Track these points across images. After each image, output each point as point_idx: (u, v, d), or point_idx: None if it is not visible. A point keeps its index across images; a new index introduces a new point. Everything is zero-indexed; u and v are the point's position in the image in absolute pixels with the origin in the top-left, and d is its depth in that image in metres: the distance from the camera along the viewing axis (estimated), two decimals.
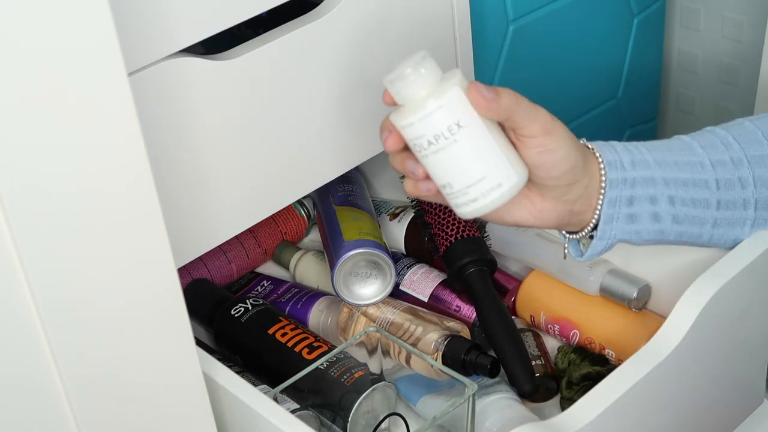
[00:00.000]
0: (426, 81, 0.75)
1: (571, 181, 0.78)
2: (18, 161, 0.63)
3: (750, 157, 0.82)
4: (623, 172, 0.79)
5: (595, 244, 0.81)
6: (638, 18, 1.37)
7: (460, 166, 0.75)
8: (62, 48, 0.63)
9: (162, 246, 0.73)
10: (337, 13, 0.94)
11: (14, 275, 0.66)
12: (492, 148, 0.76)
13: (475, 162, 0.75)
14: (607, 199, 0.79)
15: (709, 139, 0.83)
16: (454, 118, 0.74)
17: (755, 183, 0.82)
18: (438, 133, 0.74)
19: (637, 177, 0.79)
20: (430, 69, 0.75)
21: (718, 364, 0.88)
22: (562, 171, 0.77)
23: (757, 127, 0.84)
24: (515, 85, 1.24)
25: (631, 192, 0.79)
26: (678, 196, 0.80)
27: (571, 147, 0.77)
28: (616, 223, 0.80)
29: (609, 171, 0.79)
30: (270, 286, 1.11)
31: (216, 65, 0.87)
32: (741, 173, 0.82)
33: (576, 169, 0.77)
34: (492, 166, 0.76)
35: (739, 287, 0.83)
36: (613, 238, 0.81)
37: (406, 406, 0.95)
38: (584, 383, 0.93)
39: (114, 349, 0.73)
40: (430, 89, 0.75)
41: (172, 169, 0.87)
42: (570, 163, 0.77)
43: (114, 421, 0.75)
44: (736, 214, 0.82)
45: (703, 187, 0.81)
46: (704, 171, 0.81)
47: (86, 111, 0.65)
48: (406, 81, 0.75)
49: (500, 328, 0.95)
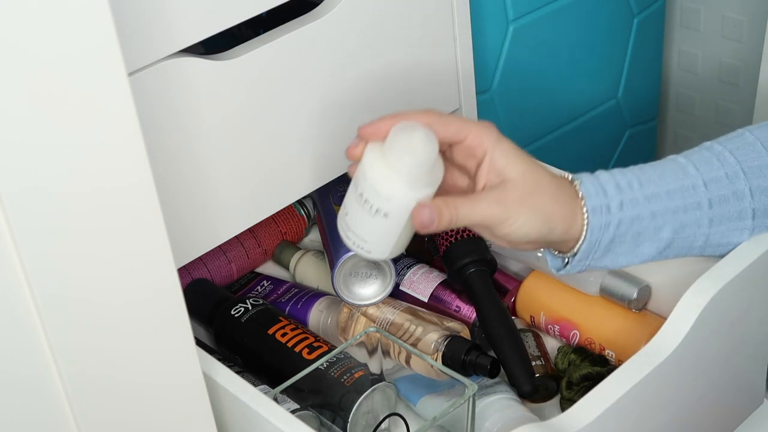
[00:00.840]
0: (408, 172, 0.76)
1: (537, 244, 0.81)
2: (18, 161, 0.63)
3: (747, 169, 0.82)
4: (607, 216, 0.80)
5: (568, 270, 0.83)
6: (638, 18, 1.37)
7: (359, 222, 0.80)
8: (62, 48, 0.63)
9: (162, 246, 0.73)
10: (337, 13, 0.94)
11: (14, 275, 0.66)
12: (391, 239, 0.80)
13: (371, 234, 0.80)
14: (587, 242, 0.80)
15: (704, 157, 0.84)
16: (388, 210, 0.77)
17: (752, 194, 0.82)
18: (369, 202, 0.78)
19: (622, 217, 0.81)
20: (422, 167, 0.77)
21: (718, 365, 0.88)
22: (521, 243, 0.80)
23: (757, 138, 0.84)
24: (515, 85, 1.25)
25: (614, 232, 0.81)
26: (666, 226, 0.81)
27: (532, 222, 0.78)
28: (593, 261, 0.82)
29: (593, 218, 0.80)
30: (270, 286, 1.11)
31: (216, 65, 0.87)
32: (736, 187, 0.82)
33: (540, 237, 0.79)
34: (378, 244, 0.81)
35: (739, 288, 0.83)
36: (587, 267, 0.83)
37: (406, 406, 0.95)
38: (584, 384, 0.93)
39: (114, 349, 0.73)
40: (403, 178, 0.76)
41: (172, 169, 0.87)
42: (530, 236, 0.79)
43: (114, 421, 0.75)
44: (731, 225, 0.83)
45: (694, 209, 0.82)
46: (696, 193, 0.82)
47: (86, 111, 0.65)
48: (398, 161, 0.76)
49: (500, 328, 0.95)
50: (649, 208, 0.81)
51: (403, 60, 1.02)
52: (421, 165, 0.76)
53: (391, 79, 1.02)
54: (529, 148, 1.31)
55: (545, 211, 0.79)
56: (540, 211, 0.78)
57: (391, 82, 1.02)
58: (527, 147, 1.31)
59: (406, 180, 0.76)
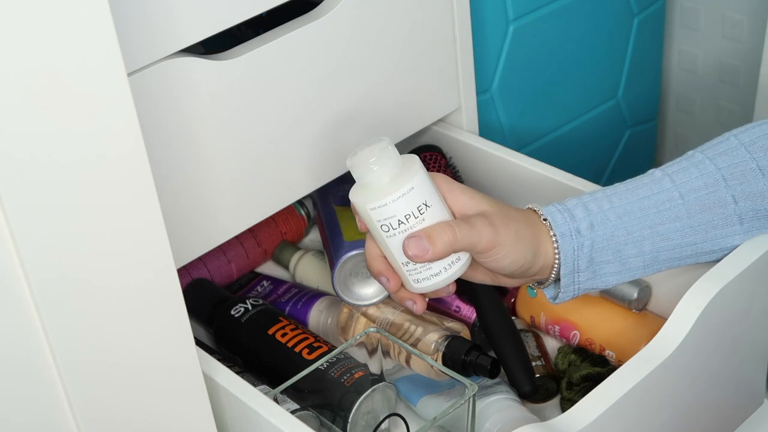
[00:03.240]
0: (392, 166, 0.78)
1: (526, 271, 0.81)
2: (18, 161, 0.63)
3: (729, 175, 0.82)
4: (579, 238, 0.81)
5: (561, 297, 0.83)
6: (638, 18, 1.37)
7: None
8: (62, 48, 0.63)
9: (162, 246, 0.73)
10: (337, 13, 0.94)
11: (14, 276, 0.66)
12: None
13: None
14: (562, 269, 0.81)
15: (683, 167, 0.84)
16: (423, 198, 0.78)
17: (736, 200, 0.82)
18: (408, 213, 0.78)
19: (596, 237, 0.81)
20: (394, 155, 0.79)
21: (719, 366, 0.88)
22: (512, 271, 0.81)
23: (741, 143, 0.84)
24: (515, 85, 1.25)
25: (590, 253, 0.81)
26: (646, 242, 0.82)
27: (519, 247, 0.80)
28: (577, 280, 0.82)
29: (562, 242, 0.81)
30: (270, 286, 1.11)
31: (216, 65, 0.87)
32: (717, 195, 0.82)
33: (527, 263, 0.80)
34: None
35: (739, 289, 0.83)
36: (577, 291, 0.83)
37: (406, 406, 0.95)
38: (584, 384, 0.93)
39: (114, 349, 0.73)
40: (394, 174, 0.78)
41: (172, 169, 0.87)
42: (519, 263, 0.80)
43: (114, 421, 0.75)
44: (717, 233, 0.83)
45: (672, 221, 0.82)
46: (672, 206, 0.82)
47: (86, 111, 0.65)
48: (372, 165, 0.78)
49: (500, 328, 0.95)
50: (623, 226, 0.81)
51: (403, 60, 1.03)
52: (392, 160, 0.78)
53: (391, 79, 1.02)
54: (529, 148, 1.31)
55: (527, 237, 0.80)
56: (523, 238, 0.80)
57: (391, 81, 1.03)
58: (527, 147, 1.31)
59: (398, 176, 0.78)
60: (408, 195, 0.77)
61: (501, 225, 0.79)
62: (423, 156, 1.10)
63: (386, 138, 0.79)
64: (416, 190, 0.78)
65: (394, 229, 0.78)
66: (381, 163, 0.78)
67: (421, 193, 0.78)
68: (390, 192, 0.77)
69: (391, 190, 0.77)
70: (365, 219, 0.80)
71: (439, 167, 1.09)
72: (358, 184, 0.80)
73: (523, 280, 0.84)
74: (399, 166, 0.79)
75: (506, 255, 0.79)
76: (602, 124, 1.41)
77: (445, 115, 1.12)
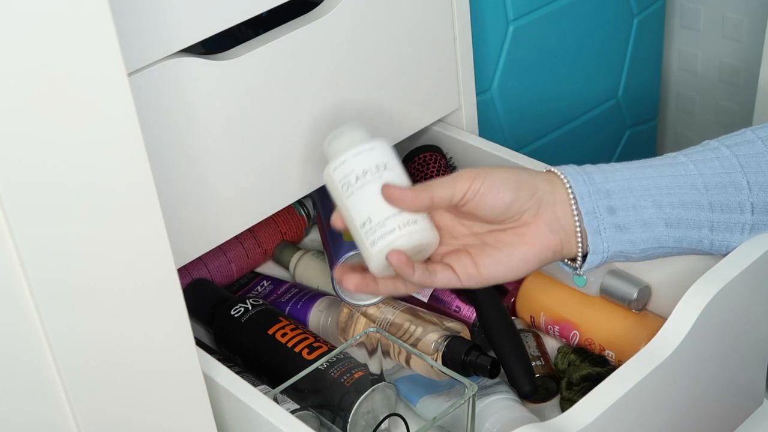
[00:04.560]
0: (358, 135, 0.82)
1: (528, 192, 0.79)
2: (18, 161, 0.63)
3: (745, 163, 0.82)
4: (593, 185, 0.80)
5: (591, 259, 0.80)
6: (638, 18, 1.37)
7: (380, 198, 0.79)
8: (62, 48, 0.63)
9: (162, 246, 0.73)
10: (337, 13, 0.94)
11: (15, 277, 0.66)
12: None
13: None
14: (584, 212, 0.79)
15: (697, 150, 0.83)
16: (383, 160, 0.80)
17: (750, 187, 0.81)
18: (367, 169, 0.80)
19: (611, 188, 0.80)
20: (358, 131, 0.82)
21: (718, 365, 0.88)
22: (512, 192, 0.78)
23: (758, 136, 0.83)
24: (515, 85, 1.25)
25: (608, 201, 0.79)
26: (664, 200, 0.80)
27: (504, 172, 0.79)
28: (604, 233, 0.80)
29: (574, 184, 0.80)
30: (270, 286, 1.11)
31: (216, 65, 0.87)
32: (733, 177, 0.81)
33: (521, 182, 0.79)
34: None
35: (739, 289, 0.83)
36: (607, 249, 0.80)
37: (406, 406, 0.95)
38: (584, 384, 0.93)
39: (114, 349, 0.73)
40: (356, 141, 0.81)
41: (172, 169, 0.87)
42: (512, 182, 0.79)
43: (114, 422, 0.75)
44: (732, 217, 0.81)
45: (689, 188, 0.80)
46: (688, 175, 0.81)
47: (86, 111, 0.65)
48: (342, 135, 0.81)
49: (500, 328, 0.95)
50: (638, 182, 0.80)
51: (403, 60, 1.02)
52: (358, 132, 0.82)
53: (391, 79, 1.02)
54: (529, 148, 1.31)
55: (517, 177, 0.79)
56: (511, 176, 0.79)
57: (391, 81, 1.03)
58: (527, 147, 1.31)
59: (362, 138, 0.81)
60: (367, 153, 0.80)
61: (485, 168, 0.79)
62: (423, 156, 1.10)
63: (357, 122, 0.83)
64: (376, 151, 0.80)
65: (353, 185, 0.79)
66: (341, 134, 0.81)
67: (381, 155, 0.80)
68: (349, 149, 0.80)
69: (350, 148, 0.80)
70: (330, 188, 0.81)
71: (439, 167, 1.09)
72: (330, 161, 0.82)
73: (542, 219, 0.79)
74: (363, 138, 0.81)
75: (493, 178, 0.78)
76: (602, 124, 1.41)
77: (445, 115, 1.12)
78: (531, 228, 0.80)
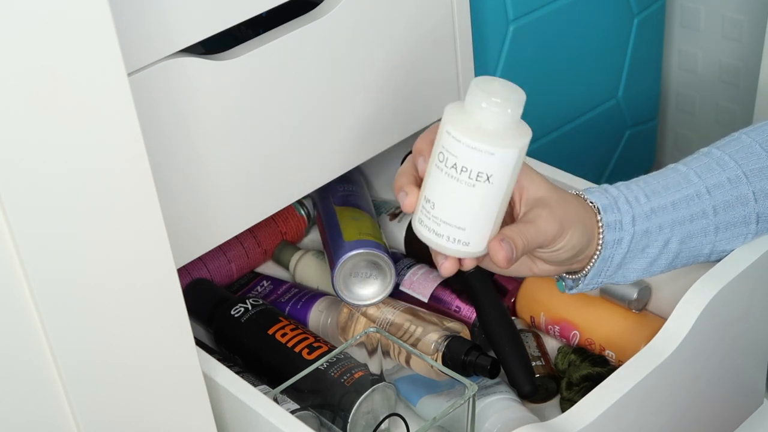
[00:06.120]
0: (502, 121, 0.72)
1: (576, 259, 0.80)
2: (18, 161, 0.63)
3: (748, 172, 0.82)
4: (620, 232, 0.80)
5: (582, 287, 0.83)
6: (638, 18, 1.37)
7: (455, 204, 0.74)
8: (62, 48, 0.63)
9: (162, 246, 0.73)
10: (337, 13, 0.94)
11: (15, 278, 0.66)
12: (490, 218, 0.75)
13: (469, 213, 0.75)
14: (600, 258, 0.81)
15: (705, 164, 0.84)
16: (491, 171, 0.72)
17: (756, 198, 0.82)
18: (469, 168, 0.72)
19: (636, 232, 0.81)
20: (515, 114, 0.73)
21: (718, 366, 0.88)
22: (567, 258, 0.79)
23: (754, 140, 0.84)
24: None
25: (628, 247, 0.81)
26: (674, 237, 0.82)
27: (578, 237, 0.78)
28: (604, 274, 0.82)
29: (607, 233, 0.80)
30: (270, 286, 1.11)
31: (216, 65, 0.87)
32: (740, 191, 0.82)
33: (582, 250, 0.79)
34: (477, 228, 0.75)
35: (739, 289, 0.83)
36: (598, 284, 0.83)
37: (405, 406, 0.95)
38: (584, 384, 0.93)
39: (114, 349, 0.73)
40: (498, 129, 0.72)
41: (172, 169, 0.87)
42: (576, 250, 0.79)
43: (114, 422, 0.75)
44: (736, 232, 0.83)
45: (700, 218, 0.82)
46: (701, 201, 0.82)
47: (86, 111, 0.65)
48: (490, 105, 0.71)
49: (500, 328, 0.95)
50: (657, 221, 0.81)
51: (402, 60, 1.02)
52: (515, 108, 0.72)
53: (391, 79, 1.02)
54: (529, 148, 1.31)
55: (583, 221, 0.79)
56: (580, 222, 0.78)
57: (391, 82, 1.02)
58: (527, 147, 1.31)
59: (505, 129, 0.72)
60: (483, 155, 0.71)
61: (562, 214, 0.77)
62: None
63: (524, 94, 0.73)
64: (495, 159, 0.71)
65: (446, 166, 0.72)
66: (498, 109, 0.71)
67: (493, 166, 0.72)
68: (476, 139, 0.71)
69: (478, 139, 0.71)
70: (439, 130, 0.73)
71: None
72: (463, 104, 0.73)
73: (561, 268, 0.81)
74: (510, 127, 0.72)
75: (568, 241, 0.78)
76: (602, 124, 1.41)
77: None
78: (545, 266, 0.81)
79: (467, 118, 0.72)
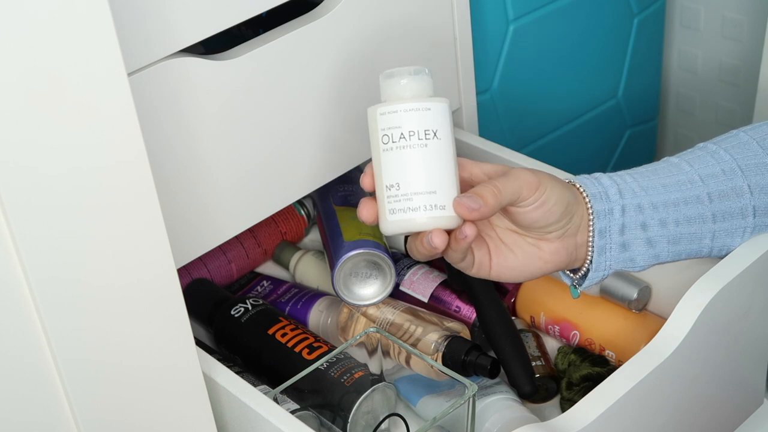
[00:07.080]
0: (420, 86, 0.76)
1: (568, 217, 0.80)
2: (18, 160, 0.63)
3: (744, 166, 0.82)
4: (608, 203, 0.80)
5: (591, 276, 0.82)
6: (638, 18, 1.37)
7: (418, 170, 0.75)
8: (62, 48, 0.63)
9: (162, 246, 0.73)
10: (337, 13, 0.94)
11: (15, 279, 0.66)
12: (452, 175, 0.76)
13: (434, 172, 0.75)
14: (597, 231, 0.80)
15: (697, 155, 0.84)
16: (435, 126, 0.75)
17: (752, 191, 0.82)
18: (415, 130, 0.75)
19: (625, 205, 0.80)
20: (427, 81, 0.77)
21: (718, 365, 0.88)
22: (559, 214, 0.79)
23: (752, 137, 0.84)
24: (515, 85, 1.25)
25: (622, 220, 0.80)
26: (669, 217, 0.81)
27: (560, 189, 0.79)
28: (609, 253, 0.81)
29: (594, 203, 0.80)
30: (270, 286, 1.11)
31: (216, 65, 0.87)
32: (734, 183, 0.82)
33: (570, 205, 0.79)
34: (445, 187, 0.75)
35: (739, 289, 0.83)
36: (608, 268, 0.82)
37: (406, 406, 0.95)
38: (584, 384, 0.93)
39: (114, 349, 0.73)
40: (418, 93, 0.76)
41: (172, 169, 0.87)
42: (563, 204, 0.79)
43: (114, 421, 0.75)
44: (734, 223, 0.83)
45: (695, 203, 0.82)
46: (694, 187, 0.82)
47: (86, 111, 0.65)
48: (403, 79, 0.76)
49: (500, 328, 0.95)
50: (648, 199, 0.81)
51: (402, 60, 1.02)
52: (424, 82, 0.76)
53: None
54: (529, 148, 1.31)
55: (560, 182, 0.79)
56: (556, 180, 0.79)
57: None
58: (527, 147, 1.31)
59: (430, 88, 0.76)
60: (422, 112, 0.74)
61: (538, 172, 0.78)
62: None
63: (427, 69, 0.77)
64: (433, 114, 0.75)
65: (393, 142, 0.75)
66: (403, 77, 0.75)
67: (435, 120, 0.75)
68: (409, 101, 0.75)
69: (411, 100, 0.75)
70: (370, 129, 0.76)
71: None
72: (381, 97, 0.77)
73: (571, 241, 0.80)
74: (427, 92, 0.76)
75: (550, 195, 0.77)
76: (602, 124, 1.41)
77: None
78: (551, 245, 0.80)
79: (393, 96, 0.76)
